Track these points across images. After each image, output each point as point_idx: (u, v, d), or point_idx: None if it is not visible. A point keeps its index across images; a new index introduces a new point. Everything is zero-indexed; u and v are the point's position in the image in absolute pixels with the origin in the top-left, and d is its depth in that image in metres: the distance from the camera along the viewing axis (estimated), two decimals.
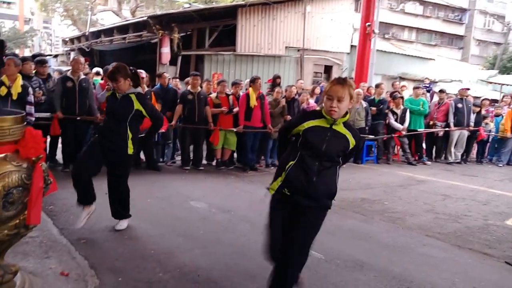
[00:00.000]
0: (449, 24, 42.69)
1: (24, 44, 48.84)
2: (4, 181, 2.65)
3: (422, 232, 5.80)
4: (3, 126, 2.72)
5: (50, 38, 57.04)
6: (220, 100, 9.36)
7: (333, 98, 3.11)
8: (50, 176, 3.07)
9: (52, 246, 4.36)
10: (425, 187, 8.77)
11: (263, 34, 17.84)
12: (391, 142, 11.65)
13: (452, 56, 37.90)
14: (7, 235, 2.84)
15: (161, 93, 9.26)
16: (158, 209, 6.06)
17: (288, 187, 3.17)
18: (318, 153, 3.14)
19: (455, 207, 7.26)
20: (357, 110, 10.81)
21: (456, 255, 5.06)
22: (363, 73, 13.61)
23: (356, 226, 5.88)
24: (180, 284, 3.76)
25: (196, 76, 9.19)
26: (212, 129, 9.13)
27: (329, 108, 3.12)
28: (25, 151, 2.82)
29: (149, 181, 7.67)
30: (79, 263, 4.03)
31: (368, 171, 10.29)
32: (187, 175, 8.62)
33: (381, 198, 7.56)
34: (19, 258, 3.87)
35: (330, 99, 3.12)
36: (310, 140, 3.16)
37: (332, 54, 20.23)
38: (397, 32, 39.87)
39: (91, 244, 4.54)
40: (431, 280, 4.25)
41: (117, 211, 5.08)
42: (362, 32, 13.71)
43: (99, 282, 3.69)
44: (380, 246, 5.14)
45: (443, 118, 12.14)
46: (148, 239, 4.79)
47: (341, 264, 4.47)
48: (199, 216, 5.79)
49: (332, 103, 3.10)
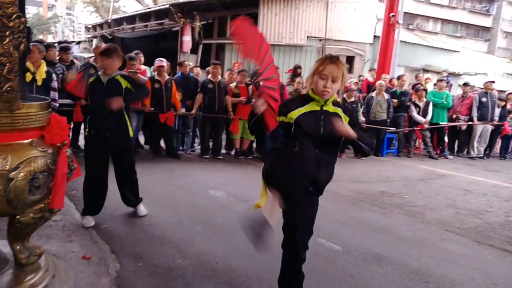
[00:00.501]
0: (476, 15, 41.94)
1: (48, 30, 49.39)
2: (30, 166, 2.70)
3: (441, 227, 5.75)
4: (29, 112, 2.77)
5: (73, 24, 57.64)
6: (240, 90, 9.37)
7: (328, 78, 2.94)
8: (74, 162, 3.12)
9: (75, 230, 4.46)
10: (446, 181, 8.69)
11: (285, 23, 17.71)
12: (413, 135, 11.57)
13: (478, 48, 37.27)
14: (32, 218, 2.92)
15: (182, 81, 9.31)
16: (178, 197, 6.11)
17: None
18: (316, 139, 2.98)
19: (476, 202, 7.19)
20: (379, 102, 10.74)
21: (475, 251, 5.01)
22: (386, 65, 13.48)
23: (375, 219, 5.86)
24: (198, 271, 3.79)
25: (217, 65, 9.20)
26: (232, 118, 9.15)
27: (323, 89, 2.95)
28: (51, 137, 2.87)
29: (168, 169, 7.74)
30: (100, 247, 4.11)
31: (388, 164, 10.23)
32: (206, 164, 8.67)
33: (401, 191, 7.52)
34: (42, 241, 3.97)
35: (323, 78, 2.95)
36: (305, 128, 2.96)
37: (355, 45, 20.02)
38: (421, 23, 39.32)
39: (112, 229, 4.62)
40: (450, 275, 4.22)
41: (130, 200, 5.11)
42: (386, 23, 13.57)
43: (120, 266, 3.75)
44: (398, 240, 5.12)
45: (466, 112, 12.01)
46: (167, 226, 4.84)
47: (359, 256, 4.47)
48: (217, 205, 5.83)
49: (326, 83, 2.94)
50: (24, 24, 2.59)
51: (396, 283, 3.94)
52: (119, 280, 3.51)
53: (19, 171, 2.65)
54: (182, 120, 9.40)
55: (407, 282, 3.97)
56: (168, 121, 8.53)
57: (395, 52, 13.98)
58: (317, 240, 4.72)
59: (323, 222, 5.14)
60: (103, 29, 23.05)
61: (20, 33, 2.59)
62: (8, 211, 2.79)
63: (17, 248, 3.05)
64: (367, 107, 10.90)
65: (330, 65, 2.95)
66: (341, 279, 3.93)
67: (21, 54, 2.63)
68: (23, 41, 2.62)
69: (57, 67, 7.77)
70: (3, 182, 2.60)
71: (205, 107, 9.14)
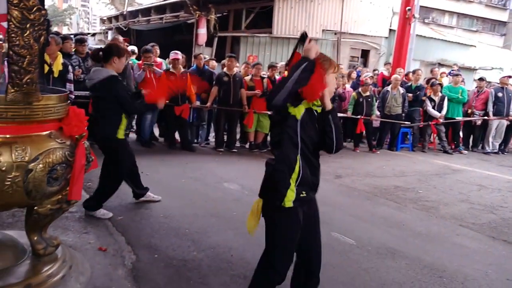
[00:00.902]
0: (492, 9, 41.36)
1: (63, 22, 49.75)
2: (49, 158, 2.74)
3: (456, 222, 5.74)
4: (48, 104, 2.81)
5: (88, 16, 57.89)
6: (254, 83, 9.37)
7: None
8: (91, 154, 3.16)
9: (91, 221, 4.51)
10: (461, 176, 8.64)
11: (300, 16, 17.64)
12: (427, 130, 11.49)
13: (494, 42, 36.78)
14: (50, 210, 2.97)
15: (197, 74, 9.32)
16: (192, 189, 6.15)
17: (304, 189, 2.79)
18: (313, 143, 2.79)
19: (490, 198, 7.15)
20: (394, 96, 10.68)
21: (490, 246, 4.99)
22: (401, 59, 13.36)
23: (389, 214, 5.86)
24: (214, 263, 3.83)
25: (232, 58, 9.20)
26: (246, 111, 9.16)
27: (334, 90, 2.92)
28: (69, 129, 2.91)
29: (183, 162, 7.78)
30: (116, 239, 4.16)
31: (403, 159, 10.18)
32: (220, 157, 8.70)
33: (415, 186, 7.49)
34: (59, 232, 4.02)
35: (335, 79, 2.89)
36: (308, 132, 2.75)
37: (370, 38, 19.92)
38: (437, 16, 38.88)
39: (128, 221, 4.67)
40: (464, 270, 4.22)
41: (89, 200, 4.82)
42: (402, 17, 13.44)
43: (136, 258, 3.80)
44: (412, 235, 5.11)
45: (481, 107, 11.90)
46: (183, 218, 4.88)
47: (373, 250, 4.47)
48: (232, 198, 5.85)
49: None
50: (44, 17, 2.62)
51: (410, 277, 3.95)
52: (135, 271, 3.56)
53: (38, 163, 2.69)
54: (196, 113, 9.42)
55: (421, 277, 3.98)
56: (183, 113, 8.56)
57: (411, 46, 13.85)
58: (332, 234, 4.75)
59: (337, 216, 5.17)
60: (118, 21, 23.12)
61: (41, 26, 2.62)
62: (27, 202, 2.84)
63: (34, 239, 3.11)
64: (382, 101, 10.84)
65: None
66: (355, 273, 3.94)
67: (40, 46, 2.66)
68: (43, 33, 2.65)
69: (73, 59, 7.82)
70: (22, 173, 2.64)
71: (220, 100, 9.17)
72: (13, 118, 2.65)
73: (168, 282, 3.44)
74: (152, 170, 6.82)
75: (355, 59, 20.00)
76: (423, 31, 22.99)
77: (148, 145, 8.85)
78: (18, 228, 3.93)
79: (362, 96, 10.44)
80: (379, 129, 11.21)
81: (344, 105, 10.80)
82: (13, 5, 2.50)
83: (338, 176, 7.65)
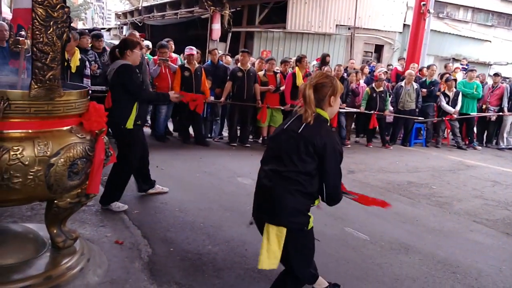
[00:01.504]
0: (508, 3, 40.78)
1: (78, 17, 49.93)
2: (70, 152, 2.80)
3: (469, 218, 5.74)
4: (69, 99, 2.87)
5: (103, 11, 58.10)
6: (268, 78, 9.40)
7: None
8: (110, 148, 3.22)
9: (107, 215, 4.58)
10: (475, 172, 8.62)
11: (313, 11, 17.62)
12: (441, 125, 11.45)
13: (509, 37, 36.38)
14: (69, 203, 3.04)
15: (211, 69, 9.37)
16: (207, 184, 6.21)
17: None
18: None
19: (504, 194, 7.13)
20: (408, 91, 10.66)
21: (504, 242, 5.00)
22: (416, 54, 13.30)
23: (402, 209, 5.87)
24: (228, 257, 3.89)
25: (246, 53, 9.23)
26: (260, 106, 9.20)
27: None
28: (89, 124, 2.98)
29: (197, 156, 7.84)
30: (132, 232, 4.22)
31: (416, 154, 10.17)
32: (234, 152, 8.75)
33: (429, 182, 7.49)
34: (76, 226, 4.09)
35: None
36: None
37: (384, 33, 19.81)
38: (451, 11, 38.51)
39: (143, 215, 4.73)
40: (477, 266, 4.23)
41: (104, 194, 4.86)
42: (417, 11, 13.37)
43: (152, 251, 3.86)
44: (426, 230, 5.13)
45: (496, 103, 11.83)
46: (197, 212, 4.94)
47: (386, 246, 4.50)
48: (245, 192, 5.89)
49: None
50: (67, 14, 2.68)
51: (424, 272, 3.97)
52: (151, 264, 3.62)
53: (59, 157, 2.76)
54: (210, 108, 9.47)
55: (435, 272, 4.00)
56: (197, 108, 8.61)
57: (425, 42, 13.78)
58: (345, 230, 4.79)
59: (351, 212, 5.20)
60: (133, 16, 23.20)
61: (63, 23, 2.68)
62: (48, 196, 2.91)
63: (54, 232, 3.18)
64: (396, 96, 10.82)
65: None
66: (369, 268, 3.97)
67: (63, 43, 2.72)
68: (66, 30, 2.71)
69: (89, 54, 7.90)
70: (44, 168, 2.71)
71: (234, 95, 9.21)
72: (36, 114, 2.71)
73: (183, 275, 3.49)
74: (167, 164, 6.90)
75: (369, 54, 19.93)
76: (437, 26, 22.82)
77: (163, 139, 8.92)
78: (37, 221, 4.01)
79: (375, 92, 10.43)
80: (393, 124, 11.20)
81: (358, 100, 10.79)
82: (38, 3, 2.56)
83: (351, 171, 7.67)
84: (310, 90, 2.73)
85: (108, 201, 4.75)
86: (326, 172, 2.71)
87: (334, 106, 2.83)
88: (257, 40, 16.87)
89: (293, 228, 2.74)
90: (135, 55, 4.74)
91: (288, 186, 2.72)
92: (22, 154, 2.61)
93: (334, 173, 2.75)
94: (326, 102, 2.78)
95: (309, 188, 2.74)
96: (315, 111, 2.73)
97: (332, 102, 2.80)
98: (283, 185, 2.73)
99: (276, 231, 2.74)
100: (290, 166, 2.71)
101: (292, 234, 2.74)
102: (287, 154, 2.73)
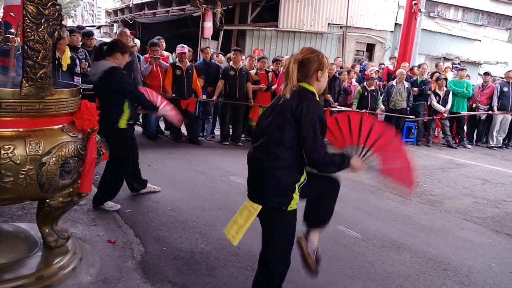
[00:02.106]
0: (497, 3, 41.06)
1: (67, 14, 49.56)
2: (61, 151, 2.78)
3: (460, 216, 5.78)
4: (61, 98, 2.86)
5: (92, 8, 57.72)
6: (259, 77, 9.40)
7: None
8: (102, 147, 3.21)
9: (99, 214, 4.56)
10: (465, 170, 8.67)
11: (306, 10, 17.65)
12: (432, 124, 11.50)
13: (499, 37, 36.60)
14: (61, 202, 3.03)
15: (204, 68, 9.36)
16: (199, 182, 6.20)
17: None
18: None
19: (494, 192, 7.19)
20: (399, 90, 10.70)
21: (493, 240, 5.04)
22: (407, 53, 13.36)
23: (394, 207, 5.90)
24: (221, 255, 3.89)
25: (238, 51, 9.23)
26: (252, 105, 9.20)
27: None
28: (81, 123, 2.96)
29: (189, 155, 7.83)
30: (125, 231, 4.21)
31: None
32: (226, 150, 8.75)
33: (420, 180, 7.52)
34: (68, 225, 4.07)
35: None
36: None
37: (375, 32, 19.89)
38: (442, 10, 38.70)
39: (136, 214, 4.72)
40: (468, 263, 4.27)
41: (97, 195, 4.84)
42: (408, 11, 13.42)
43: (144, 250, 3.85)
44: (417, 228, 5.16)
45: (486, 101, 11.90)
46: (190, 211, 4.93)
47: (378, 243, 4.52)
48: (238, 191, 5.90)
49: None
50: (58, 12, 2.66)
51: (415, 270, 4.00)
52: (144, 263, 3.61)
53: (51, 156, 2.74)
54: (202, 106, 9.46)
55: (426, 270, 4.03)
56: (189, 107, 8.61)
57: (416, 41, 13.85)
58: (337, 228, 4.80)
59: (343, 210, 5.21)
60: (124, 14, 23.09)
61: (55, 21, 2.66)
62: (40, 195, 2.89)
63: (46, 231, 3.16)
64: (387, 95, 10.86)
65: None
66: (361, 266, 3.99)
67: (54, 41, 2.70)
68: (57, 28, 2.69)
69: (79, 52, 7.86)
70: (36, 167, 2.69)
71: (226, 94, 9.20)
72: (27, 112, 2.69)
73: (176, 274, 3.49)
74: (159, 163, 6.89)
75: (361, 53, 20.00)
76: (428, 25, 22.94)
77: (155, 138, 8.89)
78: (28, 221, 3.99)
79: (367, 90, 10.46)
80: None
81: (349, 99, 10.81)
82: (29, 0, 2.54)
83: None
84: (294, 64, 2.70)
85: (102, 201, 4.73)
86: (302, 135, 2.58)
87: (322, 80, 2.78)
88: (249, 38, 16.86)
89: (269, 206, 2.68)
90: (124, 60, 4.70)
91: (267, 160, 2.65)
92: (14, 153, 2.59)
93: (312, 134, 2.57)
94: (313, 76, 2.74)
95: (290, 160, 2.65)
96: (296, 86, 2.69)
97: (319, 76, 2.75)
98: (263, 160, 2.67)
99: (248, 205, 2.74)
100: (270, 138, 2.67)
101: (269, 215, 2.71)
102: (268, 127, 2.70)
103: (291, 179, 2.68)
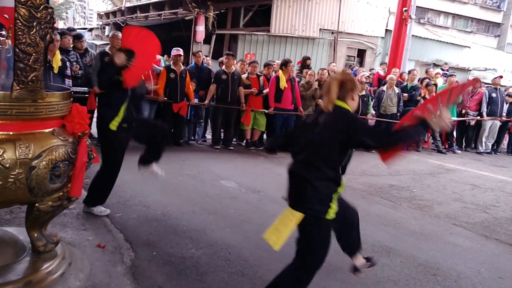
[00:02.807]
0: (487, 10, 41.47)
1: (59, 17, 49.31)
2: (52, 155, 2.76)
3: (449, 221, 5.81)
4: (52, 101, 2.83)
5: (84, 11, 57.58)
6: (251, 81, 9.42)
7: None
8: (93, 151, 3.19)
9: (89, 218, 4.52)
10: (454, 176, 8.72)
11: (297, 15, 17.71)
12: None
13: (488, 44, 36.93)
14: (51, 207, 2.99)
15: (195, 72, 9.35)
16: (190, 187, 6.19)
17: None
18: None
19: (483, 197, 7.23)
20: (389, 96, 10.76)
21: (482, 245, 5.07)
22: (397, 59, 13.45)
23: (384, 212, 5.92)
24: (211, 260, 3.87)
25: (230, 56, 9.23)
26: (244, 109, 9.20)
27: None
28: (72, 126, 2.94)
29: (180, 159, 7.80)
30: (115, 236, 4.18)
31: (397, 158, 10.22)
32: (217, 154, 8.74)
33: (410, 185, 7.56)
34: (57, 229, 4.03)
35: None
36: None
37: (367, 38, 20.00)
38: (432, 17, 38.94)
39: (126, 219, 4.68)
40: (457, 268, 4.29)
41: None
42: (399, 17, 13.52)
43: (135, 255, 3.82)
44: (407, 233, 5.18)
45: (475, 107, 12.00)
46: (181, 216, 4.91)
47: (368, 248, 4.52)
48: (229, 195, 5.89)
49: None
50: (50, 15, 2.65)
51: (405, 275, 4.01)
52: (133, 268, 3.58)
53: (41, 160, 2.71)
54: (194, 110, 9.44)
55: (416, 275, 4.04)
56: (181, 111, 8.60)
57: (407, 47, 13.94)
58: None
59: None
60: (116, 16, 23.07)
61: (47, 24, 2.65)
62: (29, 199, 2.86)
63: (34, 235, 3.12)
64: (378, 100, 10.91)
65: None
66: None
67: (46, 44, 2.69)
68: (49, 31, 2.68)
69: (70, 54, 7.82)
70: (26, 170, 2.66)
71: (218, 98, 9.19)
72: (17, 115, 2.66)
73: (167, 279, 3.47)
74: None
75: (352, 58, 20.10)
76: (418, 31, 23.11)
77: None
78: (16, 225, 3.94)
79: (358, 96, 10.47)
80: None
81: None
82: (21, 3, 2.52)
83: None
84: (335, 83, 2.95)
85: (92, 202, 4.67)
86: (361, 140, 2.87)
87: (355, 100, 3.04)
88: (241, 42, 16.88)
89: (309, 214, 2.82)
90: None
91: (309, 172, 2.86)
92: (3, 157, 2.56)
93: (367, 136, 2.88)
94: (349, 96, 2.98)
95: (331, 173, 2.88)
96: (333, 102, 2.93)
97: (354, 96, 3.01)
98: (304, 172, 2.87)
99: (289, 212, 2.88)
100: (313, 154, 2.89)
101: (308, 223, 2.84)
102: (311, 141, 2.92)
103: (329, 189, 2.90)
